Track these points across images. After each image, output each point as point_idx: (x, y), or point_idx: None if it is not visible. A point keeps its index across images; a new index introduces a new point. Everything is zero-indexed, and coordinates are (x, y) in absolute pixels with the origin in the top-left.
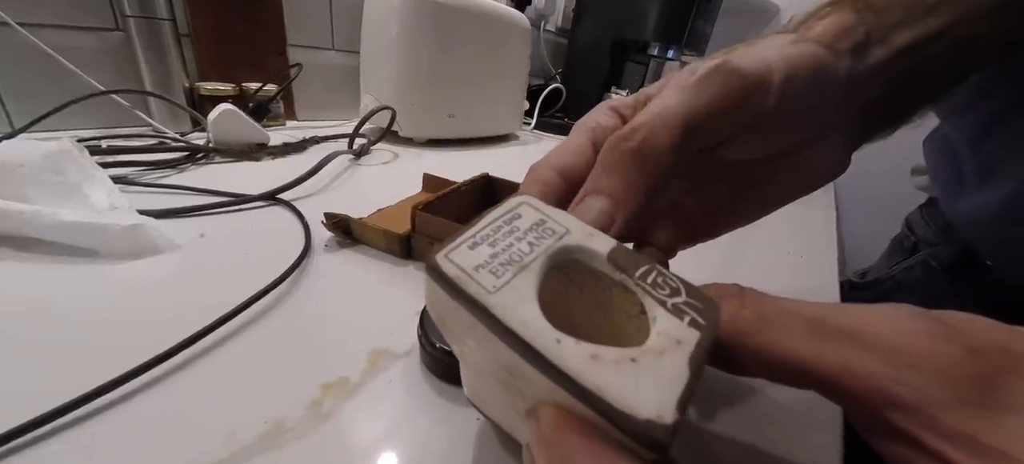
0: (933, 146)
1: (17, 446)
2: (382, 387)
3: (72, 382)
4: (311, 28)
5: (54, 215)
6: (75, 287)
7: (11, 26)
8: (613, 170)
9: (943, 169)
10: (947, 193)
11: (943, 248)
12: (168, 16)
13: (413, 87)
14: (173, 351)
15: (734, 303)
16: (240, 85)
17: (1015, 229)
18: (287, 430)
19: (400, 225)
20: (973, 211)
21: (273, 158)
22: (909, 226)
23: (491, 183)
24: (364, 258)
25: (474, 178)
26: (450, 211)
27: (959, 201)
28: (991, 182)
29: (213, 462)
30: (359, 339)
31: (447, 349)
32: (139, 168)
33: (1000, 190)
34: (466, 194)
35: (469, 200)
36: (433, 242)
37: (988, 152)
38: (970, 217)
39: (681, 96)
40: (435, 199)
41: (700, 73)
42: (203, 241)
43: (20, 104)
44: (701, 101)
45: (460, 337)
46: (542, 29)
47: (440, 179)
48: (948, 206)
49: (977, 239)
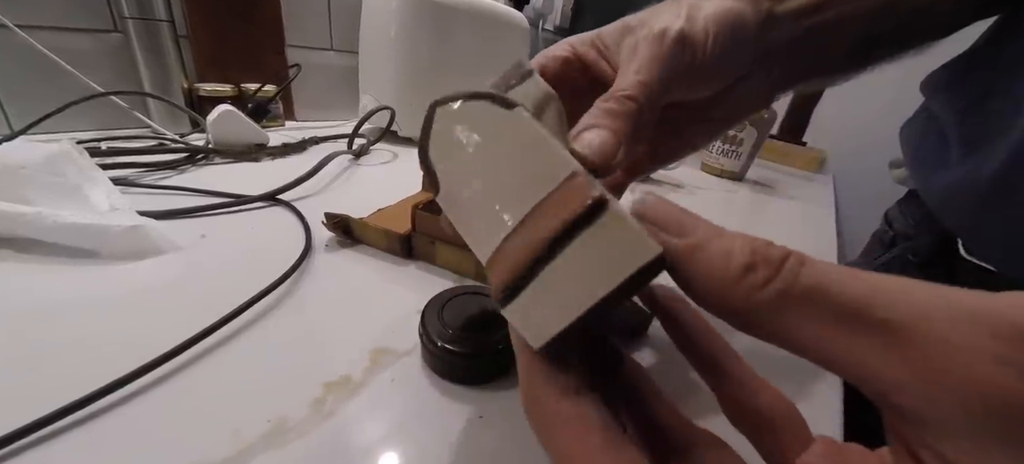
0: (913, 128)
1: (21, 446)
2: (384, 385)
3: (75, 383)
4: (309, 28)
5: (55, 217)
6: (77, 288)
7: (9, 28)
8: (615, 117)
9: (923, 148)
10: (926, 171)
11: (920, 240)
12: (166, 17)
13: (412, 87)
14: (176, 351)
15: (759, 277)
16: (239, 86)
17: (997, 200)
18: (290, 428)
19: (400, 224)
20: (954, 186)
21: (272, 159)
22: (888, 220)
23: None
24: (365, 257)
25: None
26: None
27: (939, 177)
28: (977, 155)
29: (217, 460)
30: (361, 338)
31: (449, 347)
32: (139, 169)
33: (986, 165)
34: None
35: None
36: (434, 241)
37: (975, 124)
38: (950, 192)
39: (654, 67)
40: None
41: (668, 40)
42: (204, 242)
43: (19, 106)
44: (670, 70)
45: (478, 172)
46: (540, 28)
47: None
48: (927, 185)
49: (955, 217)
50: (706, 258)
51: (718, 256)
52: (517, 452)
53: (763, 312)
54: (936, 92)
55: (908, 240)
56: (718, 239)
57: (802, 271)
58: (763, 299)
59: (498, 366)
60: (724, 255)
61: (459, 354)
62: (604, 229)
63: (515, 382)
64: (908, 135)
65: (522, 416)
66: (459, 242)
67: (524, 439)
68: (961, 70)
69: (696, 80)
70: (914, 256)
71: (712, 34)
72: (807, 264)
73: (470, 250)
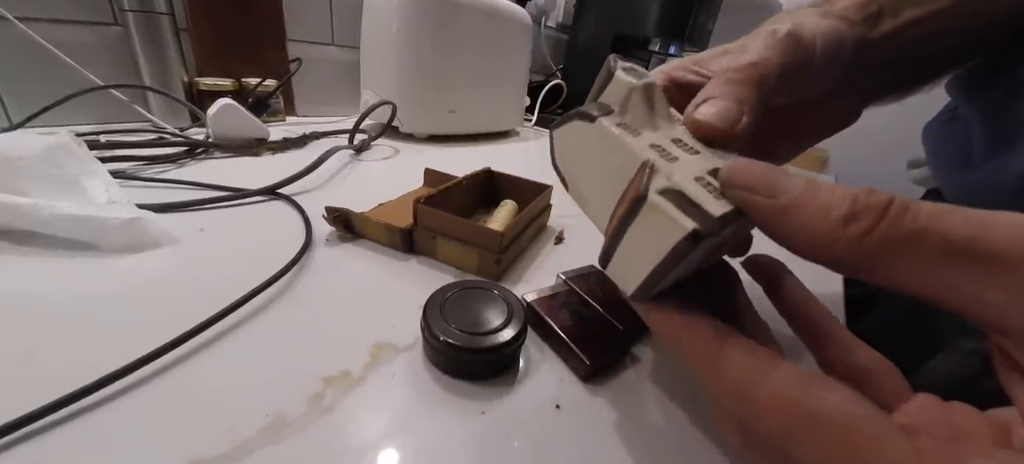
0: (935, 128)
1: (18, 438)
2: (384, 380)
3: (72, 375)
4: (310, 23)
5: (52, 208)
6: (74, 281)
7: (9, 20)
8: (735, 84)
9: (947, 148)
10: (949, 169)
11: None
12: (167, 10)
13: (414, 83)
14: (173, 344)
15: (863, 225)
16: (239, 80)
17: (1023, 201)
18: (288, 423)
19: (401, 219)
20: (978, 184)
21: (273, 153)
22: None
23: (492, 177)
24: (366, 252)
25: (475, 172)
26: (451, 205)
27: (964, 177)
28: (1003, 155)
29: (215, 455)
30: (361, 333)
31: (450, 342)
32: (138, 163)
33: (1013, 164)
34: (467, 188)
35: (470, 194)
36: (435, 236)
37: (1001, 123)
38: (974, 191)
39: (770, 52)
40: (437, 193)
41: (780, 35)
42: (203, 235)
43: (18, 99)
44: (782, 57)
45: (586, 172)
46: (543, 25)
47: (441, 174)
48: (949, 184)
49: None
50: (802, 216)
51: (815, 211)
52: (518, 447)
53: (868, 259)
54: (962, 91)
55: None
56: (814, 194)
57: (908, 214)
58: (867, 247)
59: (500, 361)
60: (822, 209)
61: (461, 349)
62: (646, 216)
63: (516, 377)
64: (930, 135)
65: (524, 413)
66: (460, 236)
67: (525, 434)
68: (988, 69)
69: (804, 79)
70: None
71: (820, 38)
72: (912, 208)
73: (470, 245)
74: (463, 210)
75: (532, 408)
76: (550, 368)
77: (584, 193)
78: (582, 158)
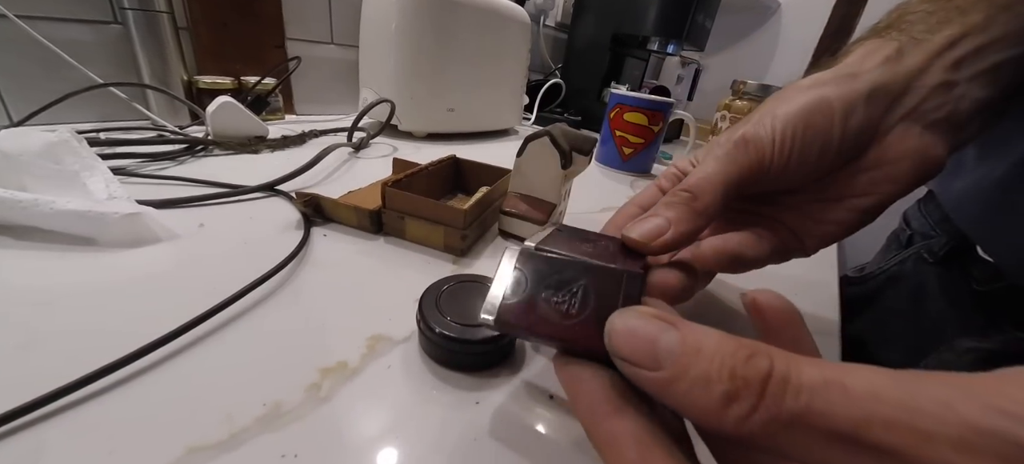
0: None
1: (17, 427)
2: (381, 371)
3: (73, 366)
4: (310, 22)
5: (52, 204)
6: (74, 275)
7: (9, 18)
8: (670, 206)
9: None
10: (944, 176)
11: (937, 240)
12: (166, 9)
13: (412, 81)
14: (171, 336)
15: (743, 407)
16: (238, 79)
17: (1014, 198)
18: (285, 413)
19: (371, 203)
20: (970, 188)
21: (272, 151)
22: (906, 220)
23: (458, 164)
24: (366, 246)
25: (441, 159)
26: (418, 189)
27: (956, 181)
28: (991, 159)
29: (212, 442)
30: (358, 325)
31: (447, 334)
32: (138, 160)
33: (999, 166)
34: (433, 173)
35: (436, 179)
36: (403, 216)
37: (993, 133)
38: (965, 196)
39: (716, 165)
40: (404, 177)
41: (726, 147)
42: (202, 231)
43: (19, 96)
44: (731, 169)
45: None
46: (541, 24)
47: (409, 162)
48: (944, 189)
49: (971, 221)
50: (684, 391)
51: (697, 387)
52: (512, 437)
53: (758, 438)
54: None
55: (926, 239)
56: (694, 364)
57: (787, 395)
58: (753, 427)
59: (495, 353)
60: (703, 385)
61: (456, 340)
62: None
63: (511, 369)
64: None
65: (517, 401)
66: (427, 215)
67: (520, 425)
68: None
69: (767, 174)
70: (929, 255)
71: (779, 135)
72: (791, 383)
73: (437, 223)
74: (428, 192)
75: (526, 398)
76: (544, 360)
77: (529, 175)
78: (533, 161)
